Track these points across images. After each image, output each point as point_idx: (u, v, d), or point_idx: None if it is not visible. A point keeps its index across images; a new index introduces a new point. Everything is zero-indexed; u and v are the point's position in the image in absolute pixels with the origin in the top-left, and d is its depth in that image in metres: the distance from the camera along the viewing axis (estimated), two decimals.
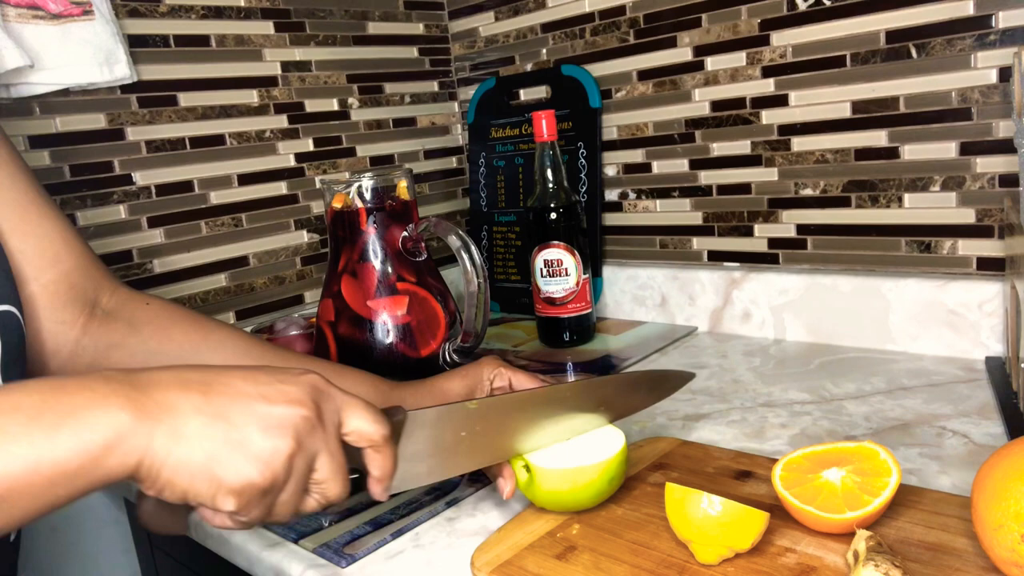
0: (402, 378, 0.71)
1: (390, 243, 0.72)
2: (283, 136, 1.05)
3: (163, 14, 0.93)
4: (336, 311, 0.72)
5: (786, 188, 0.93)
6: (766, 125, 0.93)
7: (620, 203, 1.10)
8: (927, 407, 0.70)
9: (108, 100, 0.89)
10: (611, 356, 0.94)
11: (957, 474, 0.58)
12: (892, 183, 0.85)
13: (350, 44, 1.12)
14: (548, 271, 0.98)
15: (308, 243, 1.08)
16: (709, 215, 1.01)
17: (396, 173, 0.73)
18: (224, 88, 0.99)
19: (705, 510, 0.47)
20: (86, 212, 0.88)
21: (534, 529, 0.55)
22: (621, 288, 1.10)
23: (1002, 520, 0.42)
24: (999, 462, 0.44)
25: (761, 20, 0.90)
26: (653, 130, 1.04)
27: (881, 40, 0.82)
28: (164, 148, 0.94)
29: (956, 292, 0.80)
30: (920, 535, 0.48)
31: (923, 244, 0.84)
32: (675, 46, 0.99)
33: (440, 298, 0.74)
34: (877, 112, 0.84)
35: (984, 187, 0.79)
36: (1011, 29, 0.75)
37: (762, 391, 0.79)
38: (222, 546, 0.64)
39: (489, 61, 1.21)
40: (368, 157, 1.15)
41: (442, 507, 0.62)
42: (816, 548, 0.49)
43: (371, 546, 0.57)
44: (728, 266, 0.99)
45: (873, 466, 0.50)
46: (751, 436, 0.68)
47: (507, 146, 1.19)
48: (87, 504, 0.90)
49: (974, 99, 0.78)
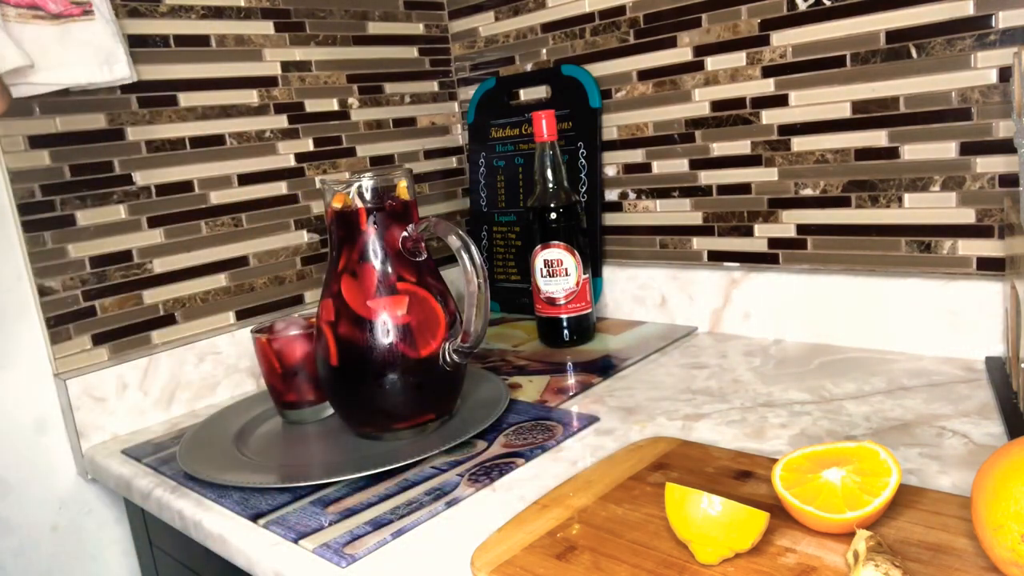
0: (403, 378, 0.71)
1: (390, 243, 0.72)
2: (283, 136, 1.05)
3: (163, 14, 0.93)
4: (336, 311, 0.72)
5: (786, 188, 0.93)
6: (766, 125, 0.93)
7: (620, 203, 1.10)
8: (927, 407, 0.70)
9: (108, 100, 0.89)
10: (611, 356, 0.94)
11: (957, 474, 0.58)
12: (892, 183, 0.85)
13: (350, 44, 1.12)
14: (548, 271, 0.98)
15: (308, 243, 1.08)
16: (709, 215, 1.01)
17: (396, 173, 0.73)
18: (224, 88, 0.99)
19: (705, 510, 0.47)
20: (86, 212, 0.88)
21: (534, 529, 0.55)
22: (621, 288, 1.10)
23: (1002, 520, 0.42)
24: (999, 462, 0.44)
25: (761, 20, 0.90)
26: (653, 130, 1.04)
27: (881, 40, 0.82)
28: (164, 148, 0.94)
29: (956, 292, 0.80)
30: (920, 535, 0.48)
31: (923, 244, 0.84)
32: (675, 46, 0.99)
33: (440, 298, 0.74)
34: (877, 112, 0.84)
35: (984, 187, 0.79)
36: (1011, 29, 0.75)
37: (762, 391, 0.79)
38: (222, 546, 0.64)
39: (489, 61, 1.21)
40: (368, 157, 1.15)
41: (442, 507, 0.62)
42: (816, 548, 0.49)
43: (371, 546, 0.57)
44: (728, 266, 0.99)
45: (873, 466, 0.50)
46: (751, 436, 0.68)
47: (507, 146, 1.19)
48: (87, 504, 0.90)
49: (974, 99, 0.78)
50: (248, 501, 0.66)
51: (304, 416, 0.83)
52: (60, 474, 0.88)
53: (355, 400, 0.73)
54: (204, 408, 0.94)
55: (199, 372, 0.95)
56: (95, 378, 0.87)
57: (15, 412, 0.85)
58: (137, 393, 0.90)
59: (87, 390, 0.86)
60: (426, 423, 0.74)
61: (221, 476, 0.69)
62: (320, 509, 0.63)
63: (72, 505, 0.89)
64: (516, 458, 0.69)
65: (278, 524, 0.62)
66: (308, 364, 0.80)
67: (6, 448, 0.85)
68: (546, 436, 0.73)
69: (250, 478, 0.69)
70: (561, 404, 0.81)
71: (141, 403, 0.90)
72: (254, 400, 0.91)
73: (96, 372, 0.87)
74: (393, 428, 0.74)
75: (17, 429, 0.85)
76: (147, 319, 0.93)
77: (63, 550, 0.89)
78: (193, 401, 0.94)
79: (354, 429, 0.76)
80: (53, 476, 0.88)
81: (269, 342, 0.80)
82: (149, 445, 0.84)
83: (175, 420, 0.92)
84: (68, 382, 0.85)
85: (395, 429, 0.74)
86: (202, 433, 0.82)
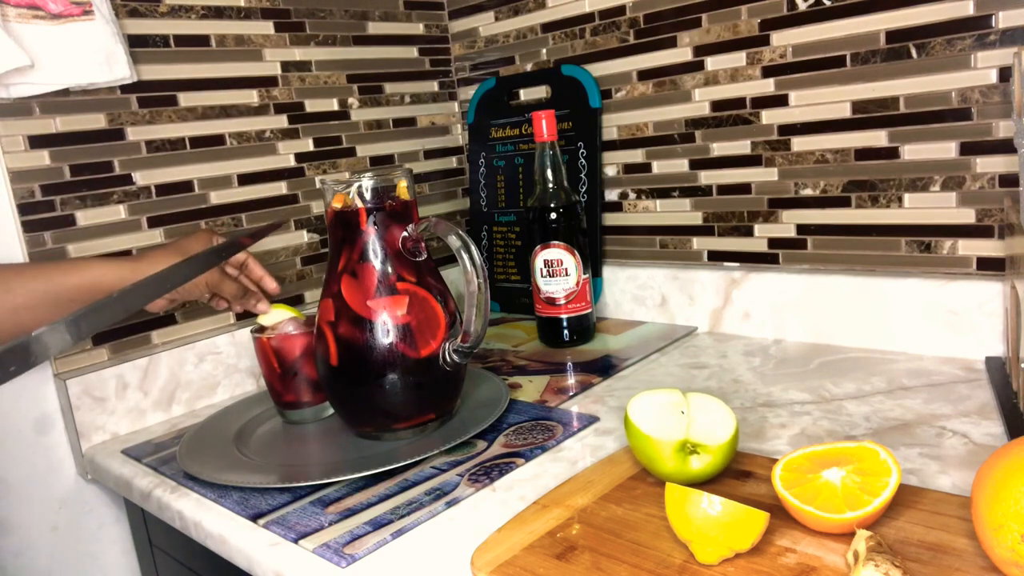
0: (403, 378, 0.71)
1: (390, 243, 0.72)
2: (283, 136, 1.05)
3: (163, 14, 0.93)
4: (336, 311, 0.72)
5: (786, 188, 0.93)
6: (766, 125, 0.93)
7: (620, 203, 1.10)
8: (927, 407, 0.70)
9: (108, 100, 0.89)
10: (611, 356, 0.94)
11: (957, 474, 0.58)
12: (892, 183, 0.85)
13: (350, 44, 1.12)
14: (548, 271, 0.98)
15: (308, 243, 1.08)
16: (709, 215, 1.01)
17: (396, 173, 0.73)
18: (224, 88, 0.99)
19: (705, 510, 0.47)
20: (86, 212, 0.88)
21: (534, 529, 0.55)
22: (621, 288, 1.10)
23: (1002, 520, 0.42)
24: (999, 462, 0.44)
25: (761, 20, 0.90)
26: (653, 130, 1.04)
27: (881, 40, 0.82)
28: (164, 148, 0.94)
29: (956, 292, 0.80)
30: (920, 535, 0.48)
31: (923, 244, 0.84)
32: (675, 46, 0.99)
33: (440, 298, 0.74)
34: (877, 112, 0.84)
35: (984, 187, 0.79)
36: (1011, 29, 0.75)
37: (762, 391, 0.79)
38: (222, 546, 0.64)
39: (489, 61, 1.21)
40: (368, 157, 1.15)
41: (442, 507, 0.62)
42: (816, 548, 0.49)
43: (371, 546, 0.57)
44: (728, 266, 0.99)
45: (873, 466, 0.50)
46: (751, 436, 0.68)
47: (507, 146, 1.19)
48: (87, 504, 0.90)
49: (974, 99, 0.78)
50: (248, 501, 0.66)
51: (304, 416, 0.83)
52: (60, 474, 0.88)
53: (355, 400, 0.73)
54: (204, 408, 0.94)
55: (199, 372, 0.95)
56: (95, 378, 0.87)
57: (15, 412, 0.85)
58: (137, 393, 0.90)
59: (87, 390, 0.86)
60: (426, 423, 0.74)
61: (221, 476, 0.69)
62: (320, 509, 0.63)
63: (72, 505, 0.89)
64: (516, 458, 0.69)
65: (278, 524, 0.62)
66: (308, 364, 0.80)
67: (6, 448, 0.85)
68: (546, 436, 0.73)
69: (250, 478, 0.69)
70: (561, 404, 0.81)
71: (141, 403, 0.90)
72: (254, 400, 0.91)
73: (96, 372, 0.87)
74: (393, 428, 0.74)
75: (17, 429, 0.85)
76: (147, 319, 0.93)
77: (63, 550, 0.89)
78: (193, 401, 0.94)
79: (354, 429, 0.76)
80: (53, 476, 0.88)
81: (269, 342, 0.80)
82: (149, 445, 0.84)
83: (175, 420, 0.92)
84: (68, 382, 0.85)
85: (395, 429, 0.74)
86: (202, 433, 0.82)
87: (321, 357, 0.73)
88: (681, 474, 0.57)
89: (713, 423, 0.58)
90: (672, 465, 0.57)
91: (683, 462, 0.57)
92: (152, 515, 0.78)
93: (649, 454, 0.58)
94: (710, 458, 0.56)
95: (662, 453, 0.57)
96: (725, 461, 0.57)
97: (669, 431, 0.58)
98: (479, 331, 0.70)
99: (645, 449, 0.58)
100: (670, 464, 0.57)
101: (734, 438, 0.57)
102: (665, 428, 0.58)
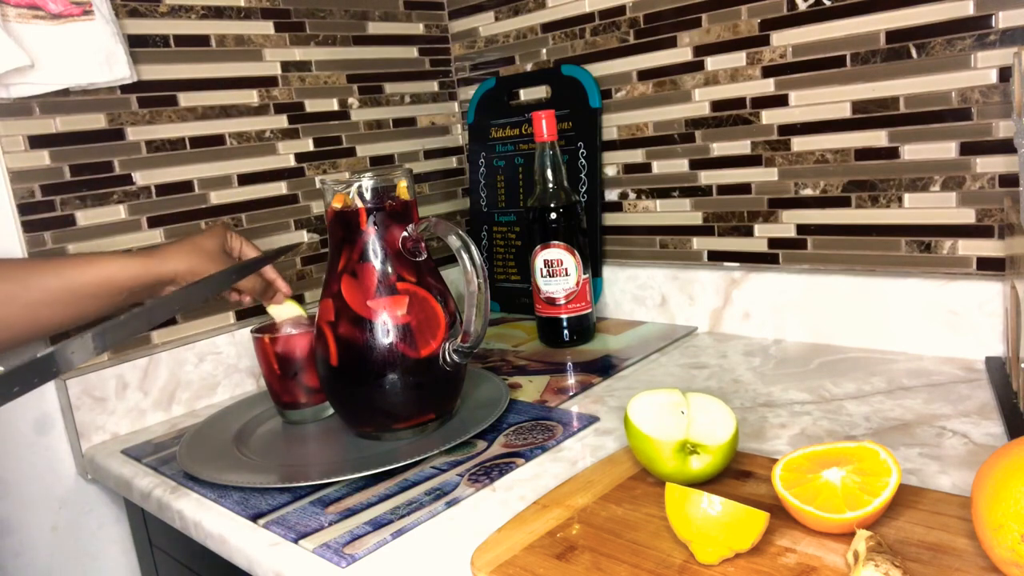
0: (403, 378, 0.71)
1: (390, 243, 0.72)
2: (283, 136, 1.05)
3: (163, 14, 0.93)
4: (336, 311, 0.72)
5: (786, 188, 0.93)
6: (766, 125, 0.93)
7: (620, 203, 1.10)
8: (927, 407, 0.70)
9: (108, 100, 0.89)
10: (611, 356, 0.94)
11: (957, 474, 0.58)
12: (892, 183, 0.85)
13: (350, 44, 1.12)
14: (548, 271, 0.98)
15: (308, 243, 1.08)
16: (709, 215, 1.01)
17: (396, 173, 0.73)
18: (224, 88, 0.99)
19: (705, 510, 0.47)
20: (86, 212, 0.88)
21: (534, 529, 0.55)
22: (621, 288, 1.10)
23: (1002, 520, 0.42)
24: (999, 462, 0.44)
25: (761, 20, 0.90)
26: (653, 130, 1.04)
27: (881, 40, 0.82)
28: (164, 148, 0.94)
29: (956, 292, 0.80)
30: (920, 535, 0.48)
31: (923, 244, 0.84)
32: (675, 46, 0.99)
33: (440, 298, 0.74)
34: (877, 112, 0.84)
35: (984, 187, 0.79)
36: (1011, 29, 0.75)
37: (762, 391, 0.79)
38: (222, 546, 0.64)
39: (489, 61, 1.21)
40: (368, 157, 1.15)
41: (442, 507, 0.62)
42: (816, 548, 0.49)
43: (371, 546, 0.57)
44: (728, 266, 0.99)
45: (873, 466, 0.50)
46: (751, 436, 0.68)
47: (507, 146, 1.19)
48: (87, 504, 0.90)
49: (974, 99, 0.78)
50: (248, 501, 0.66)
51: (304, 416, 0.83)
52: (60, 474, 0.88)
53: (355, 400, 0.73)
54: (204, 408, 0.94)
55: (199, 372, 0.95)
56: (95, 378, 0.87)
57: (15, 412, 0.85)
58: (137, 393, 0.90)
59: (87, 390, 0.86)
60: (426, 423, 0.74)
61: (221, 476, 0.69)
62: (320, 509, 0.63)
63: (72, 505, 0.89)
64: (516, 458, 0.69)
65: (278, 524, 0.62)
66: (308, 364, 0.80)
67: (6, 448, 0.85)
68: (546, 436, 0.73)
69: (250, 478, 0.69)
70: (561, 404, 0.81)
71: (141, 403, 0.90)
72: (254, 400, 0.91)
73: (96, 372, 0.87)
74: (393, 428, 0.74)
75: (17, 429, 0.85)
76: None
77: (63, 550, 0.89)
78: (193, 401, 0.94)
79: (354, 429, 0.76)
80: (53, 476, 0.88)
81: (269, 342, 0.80)
82: (149, 445, 0.84)
83: (175, 420, 0.92)
84: (68, 382, 0.85)
85: (395, 429, 0.74)
86: (202, 433, 0.82)
87: (321, 357, 0.73)
88: (681, 474, 0.57)
89: (713, 423, 0.58)
90: (672, 465, 0.57)
91: (683, 462, 0.57)
92: (152, 515, 0.78)
93: (649, 454, 0.58)
94: (710, 458, 0.56)
95: (662, 453, 0.57)
96: (725, 461, 0.57)
97: (669, 431, 0.58)
98: (479, 331, 0.70)
99: (645, 449, 0.58)
100: (670, 464, 0.57)
101: (734, 438, 0.57)
102: (665, 428, 0.58)
